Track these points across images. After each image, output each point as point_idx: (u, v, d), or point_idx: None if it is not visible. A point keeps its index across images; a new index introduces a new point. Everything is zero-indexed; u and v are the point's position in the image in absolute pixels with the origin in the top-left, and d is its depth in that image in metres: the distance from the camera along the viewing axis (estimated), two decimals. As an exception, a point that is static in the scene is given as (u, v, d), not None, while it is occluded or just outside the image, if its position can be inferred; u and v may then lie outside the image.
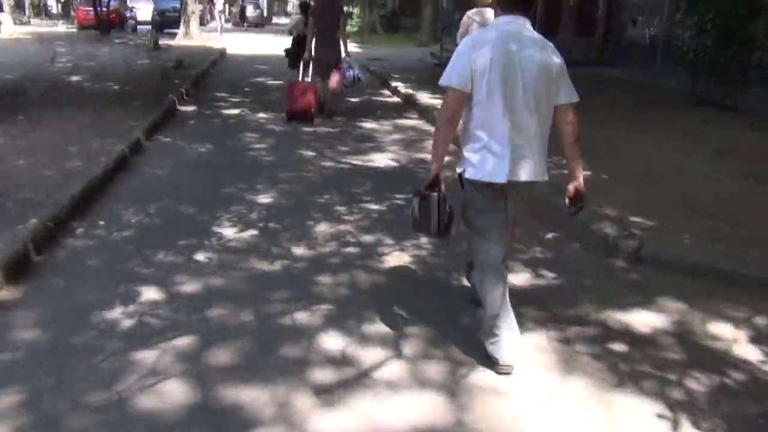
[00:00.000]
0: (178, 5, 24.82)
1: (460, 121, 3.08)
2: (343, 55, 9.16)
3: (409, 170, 6.86)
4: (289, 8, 63.64)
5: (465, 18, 7.95)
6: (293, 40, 11.20)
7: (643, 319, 3.66)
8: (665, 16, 14.29)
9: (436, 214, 3.10)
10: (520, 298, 3.89)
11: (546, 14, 18.01)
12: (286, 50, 11.69)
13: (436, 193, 3.08)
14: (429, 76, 13.45)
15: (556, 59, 3.00)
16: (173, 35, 24.39)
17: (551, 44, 3.05)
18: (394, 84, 12.74)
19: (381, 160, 7.21)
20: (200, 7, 33.60)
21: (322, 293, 3.95)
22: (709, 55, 9.60)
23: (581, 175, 3.12)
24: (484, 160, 2.98)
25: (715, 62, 9.55)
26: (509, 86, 2.91)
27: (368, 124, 9.37)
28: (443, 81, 3.01)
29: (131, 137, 7.49)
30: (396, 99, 11.89)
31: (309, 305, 3.78)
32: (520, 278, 4.22)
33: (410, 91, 11.64)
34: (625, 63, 15.53)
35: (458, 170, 3.15)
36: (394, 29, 31.34)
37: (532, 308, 3.78)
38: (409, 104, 11.05)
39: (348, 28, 26.21)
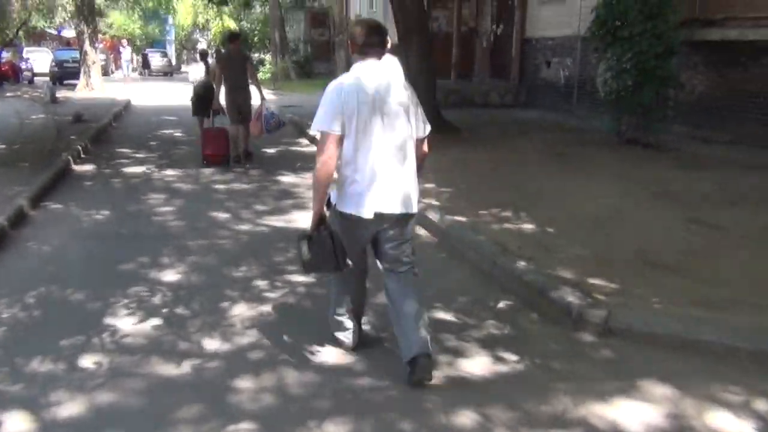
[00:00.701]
0: (77, 55, 23.46)
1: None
2: (260, 100, 9.22)
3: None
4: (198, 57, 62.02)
5: None
6: (194, 88, 10.99)
7: (631, 413, 3.06)
8: (578, 58, 14.37)
9: (332, 249, 3.25)
10: (484, 394, 3.23)
11: (460, 57, 17.95)
12: (191, 98, 11.43)
13: (325, 232, 3.26)
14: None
15: (413, 97, 3.30)
16: (74, 87, 23.02)
17: (407, 83, 3.33)
18: (312, 132, 12.07)
19: (304, 219, 6.47)
20: (102, 56, 32.22)
21: (240, 405, 3.17)
22: (630, 95, 9.46)
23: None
24: (355, 195, 3.19)
25: (638, 101, 9.41)
26: (375, 125, 3.15)
27: (287, 178, 8.66)
28: (316, 126, 3.20)
29: (12, 206, 6.48)
30: (315, 149, 11.19)
31: (224, 425, 2.99)
32: (478, 365, 3.56)
33: None
34: (542, 104, 15.54)
35: (331, 202, 3.34)
36: (307, 75, 30.81)
37: (500, 407, 3.12)
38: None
39: (260, 74, 25.74)
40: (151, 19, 46.00)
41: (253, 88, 9.43)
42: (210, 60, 11.22)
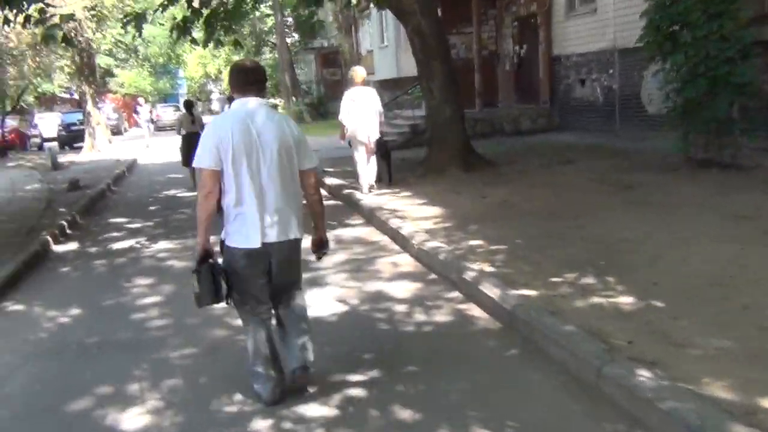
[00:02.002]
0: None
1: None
2: None
3: (364, 318, 4.67)
4: (213, 106, 61.82)
5: (344, 98, 8.80)
6: (182, 138, 11.37)
7: None
8: (617, 72, 12.89)
9: (211, 283, 3.35)
10: None
11: (483, 83, 16.57)
12: (180, 148, 11.56)
13: (207, 266, 3.35)
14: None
15: (294, 131, 3.46)
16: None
17: (288, 118, 3.59)
18: (329, 181, 10.69)
19: (322, 303, 5.01)
20: (115, 116, 31.59)
21: None
22: (699, 108, 7.93)
23: (323, 228, 3.67)
24: (241, 229, 3.33)
25: (711, 115, 7.86)
26: (253, 160, 3.29)
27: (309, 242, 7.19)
28: (196, 163, 3.32)
29: (-45, 316, 5.09)
30: (334, 201, 9.72)
31: None
32: None
33: (350, 189, 9.59)
34: (579, 126, 14.10)
35: (221, 237, 3.43)
36: (322, 116, 29.88)
37: None
38: (350, 206, 8.97)
39: (273, 120, 24.78)
40: (162, 74, 45.63)
41: None
42: (194, 110, 11.71)
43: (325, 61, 32.25)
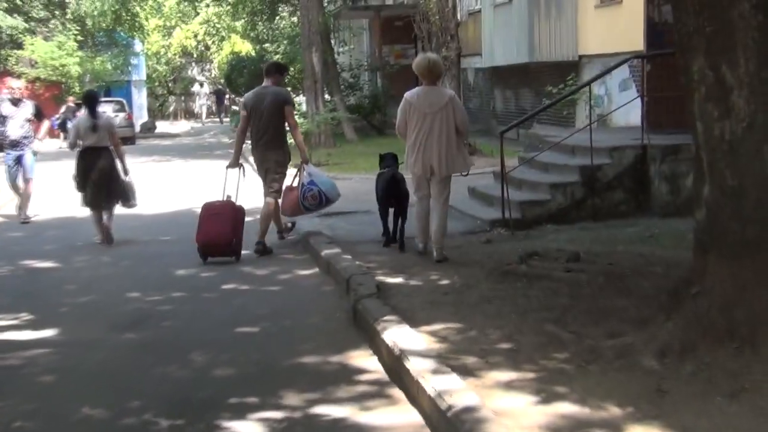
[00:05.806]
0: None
1: None
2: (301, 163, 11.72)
3: None
4: (196, 106, 59.95)
5: (402, 104, 9.88)
6: (77, 157, 12.06)
7: None
8: None
9: None
10: None
11: None
12: (75, 176, 12.38)
13: None
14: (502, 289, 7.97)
15: None
16: None
17: None
18: (389, 332, 6.68)
19: None
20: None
21: None
22: None
23: None
24: None
25: None
26: None
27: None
28: None
29: None
30: (409, 414, 5.69)
31: None
32: None
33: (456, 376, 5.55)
34: None
35: None
36: (377, 130, 28.88)
37: None
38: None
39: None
40: (105, 47, 45.19)
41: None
42: (102, 110, 13.09)
43: (389, 30, 32.48)
